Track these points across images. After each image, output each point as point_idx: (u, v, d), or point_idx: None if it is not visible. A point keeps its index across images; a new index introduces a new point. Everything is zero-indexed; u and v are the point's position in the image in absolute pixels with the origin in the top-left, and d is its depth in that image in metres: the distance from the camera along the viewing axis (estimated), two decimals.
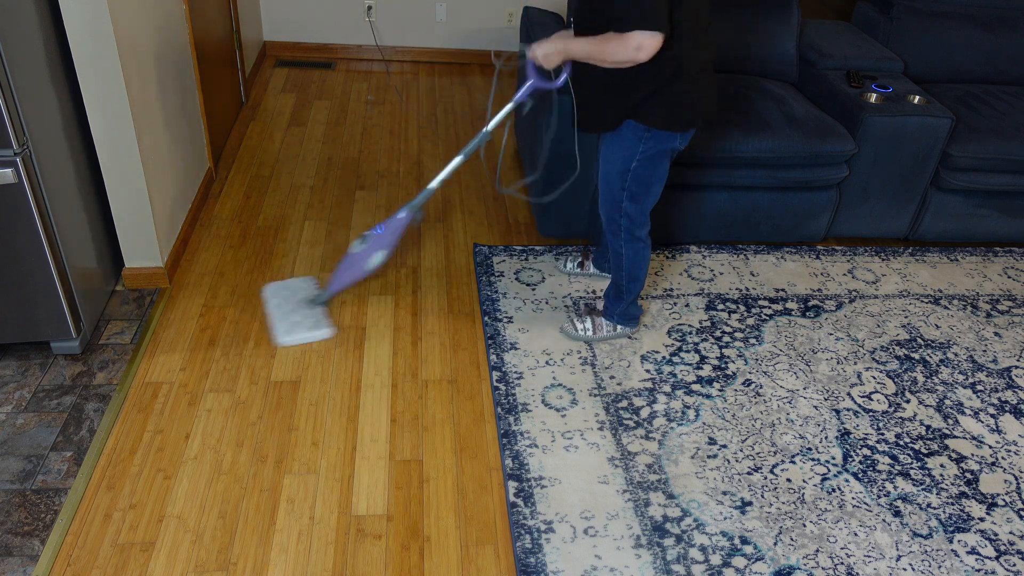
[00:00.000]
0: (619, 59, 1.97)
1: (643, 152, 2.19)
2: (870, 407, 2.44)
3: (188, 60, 2.98)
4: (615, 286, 2.51)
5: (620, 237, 2.38)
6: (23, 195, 2.05)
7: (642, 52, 1.93)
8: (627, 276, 2.45)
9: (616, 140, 2.21)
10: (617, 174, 2.25)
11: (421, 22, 4.50)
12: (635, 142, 2.18)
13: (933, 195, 3.16)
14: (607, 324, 2.57)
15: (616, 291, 2.51)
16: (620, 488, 2.09)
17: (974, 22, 3.43)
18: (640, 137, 2.17)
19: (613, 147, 2.23)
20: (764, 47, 3.29)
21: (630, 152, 2.20)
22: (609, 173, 2.27)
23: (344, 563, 1.87)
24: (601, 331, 2.56)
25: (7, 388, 2.25)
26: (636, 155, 2.20)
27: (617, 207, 2.31)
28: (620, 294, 2.50)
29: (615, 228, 2.36)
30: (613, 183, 2.28)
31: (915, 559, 1.99)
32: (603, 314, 2.58)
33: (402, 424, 2.24)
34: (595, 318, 2.58)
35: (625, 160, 2.22)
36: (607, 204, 2.34)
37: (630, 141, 2.19)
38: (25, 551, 1.83)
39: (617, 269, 2.46)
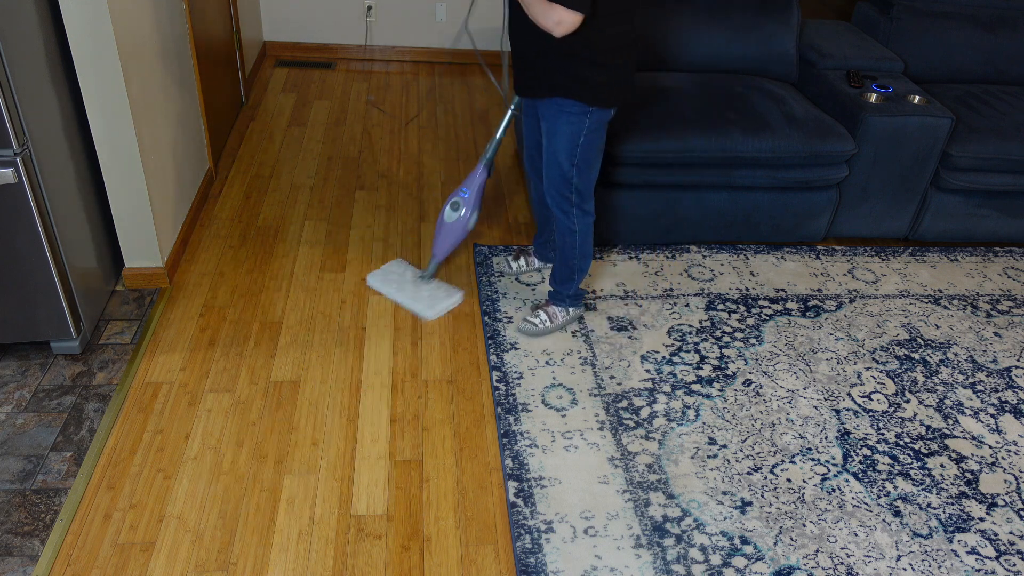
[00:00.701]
0: (539, 22, 2.04)
1: (588, 127, 2.25)
2: (870, 407, 2.44)
3: (188, 60, 2.98)
4: (565, 268, 2.53)
5: (572, 214, 2.41)
6: (23, 195, 2.05)
7: (560, 27, 2.01)
8: (579, 253, 2.48)
9: (562, 118, 2.25)
10: (566, 152, 2.30)
11: (421, 22, 4.50)
12: (581, 118, 2.24)
13: (933, 195, 3.16)
14: (560, 310, 2.60)
15: (567, 272, 2.53)
16: (620, 488, 2.09)
17: (974, 22, 3.43)
18: (586, 112, 2.23)
19: (558, 124, 2.27)
20: (764, 47, 3.29)
21: (577, 128, 2.26)
22: (557, 151, 2.31)
23: (344, 563, 1.87)
24: (558, 319, 2.59)
25: (7, 388, 2.25)
26: (583, 131, 2.26)
27: (568, 184, 2.35)
28: (571, 274, 2.53)
29: (566, 205, 2.40)
30: (562, 161, 2.32)
31: (915, 559, 1.99)
32: (553, 302, 2.61)
33: (402, 424, 2.24)
34: (547, 309, 2.60)
35: (573, 136, 2.27)
36: (557, 183, 2.37)
37: (576, 118, 2.24)
38: (25, 551, 1.83)
39: (569, 248, 2.48)
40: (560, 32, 2.03)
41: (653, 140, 2.80)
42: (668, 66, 3.25)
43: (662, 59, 3.25)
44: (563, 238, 2.47)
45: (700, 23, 3.25)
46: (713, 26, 3.25)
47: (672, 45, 3.25)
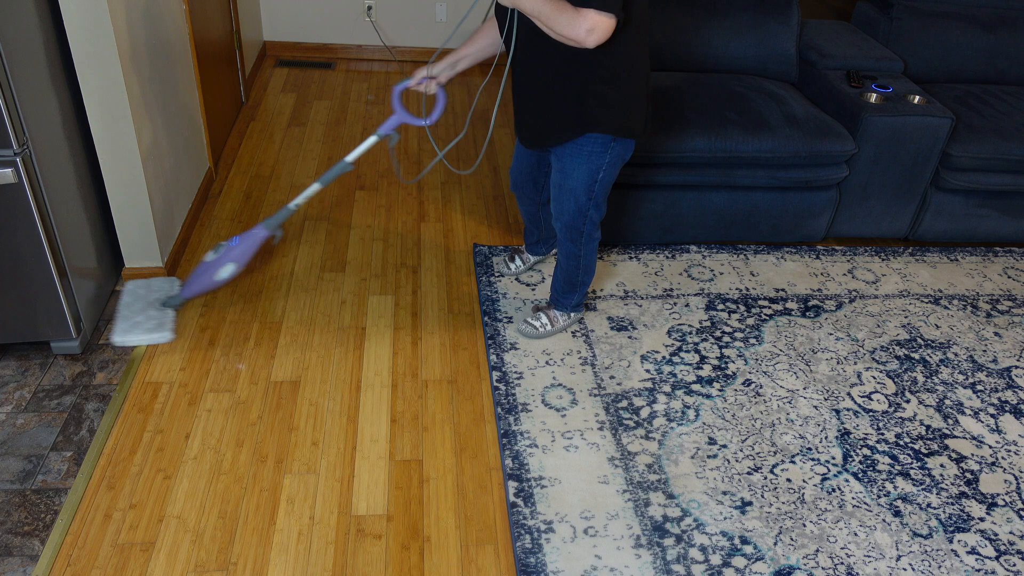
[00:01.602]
0: (566, 34, 1.84)
1: (609, 162, 2.17)
2: (870, 407, 2.44)
3: (188, 60, 2.98)
4: (567, 282, 2.48)
5: (580, 241, 2.35)
6: (23, 195, 2.05)
7: (593, 35, 1.83)
8: (583, 271, 2.44)
9: (579, 156, 2.15)
10: (584, 188, 2.20)
11: (421, 22, 4.50)
12: (601, 154, 2.14)
13: (933, 195, 3.16)
14: (561, 314, 2.57)
15: (568, 286, 2.49)
16: (620, 488, 2.09)
17: (974, 22, 3.43)
18: (607, 147, 2.13)
19: (576, 162, 2.16)
20: (764, 47, 3.29)
21: (596, 164, 2.16)
22: (575, 189, 2.21)
23: (344, 563, 1.87)
24: (558, 323, 2.56)
25: (7, 388, 2.25)
26: (603, 166, 2.17)
27: (582, 217, 2.28)
28: (574, 288, 2.50)
29: (575, 235, 2.33)
30: (580, 197, 2.22)
31: (915, 559, 1.99)
32: (555, 306, 2.57)
33: (402, 424, 2.24)
34: (547, 312, 2.57)
35: (592, 173, 2.17)
36: (570, 216, 2.28)
37: (596, 155, 2.14)
38: (25, 551, 1.83)
39: (572, 268, 2.43)
40: (593, 41, 1.83)
41: (653, 140, 2.80)
42: (668, 66, 3.25)
43: (662, 59, 3.25)
44: (567, 261, 2.43)
45: (700, 23, 3.25)
46: (713, 26, 3.25)
47: (672, 45, 3.25)
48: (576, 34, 1.83)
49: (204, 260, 2.43)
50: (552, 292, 2.56)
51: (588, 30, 1.81)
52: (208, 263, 2.41)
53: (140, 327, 2.42)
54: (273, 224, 2.42)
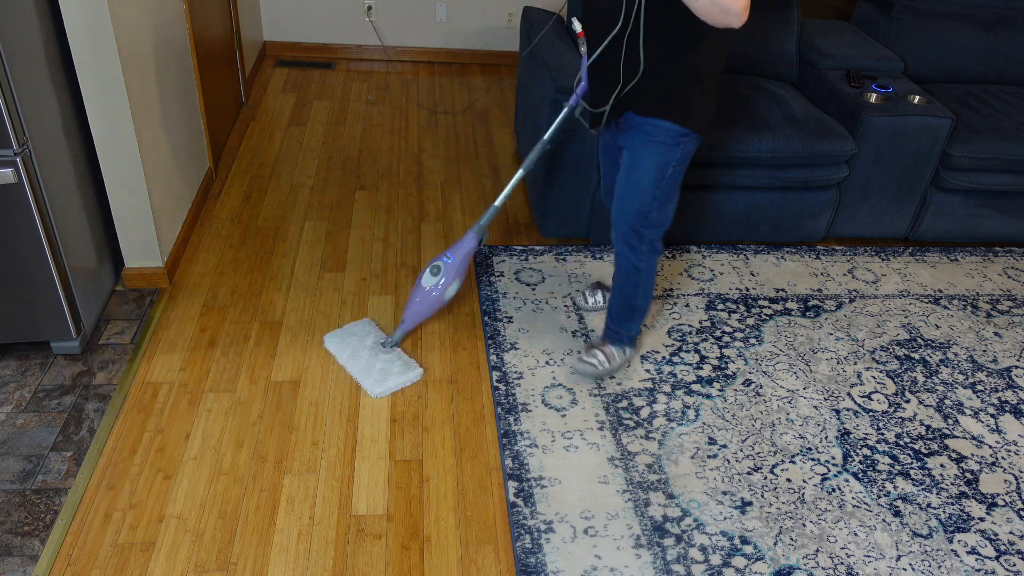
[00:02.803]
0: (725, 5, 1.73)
1: (680, 157, 2.08)
2: (870, 407, 2.44)
3: (188, 60, 2.98)
4: (626, 308, 2.34)
5: (640, 251, 2.22)
6: (23, 195, 2.05)
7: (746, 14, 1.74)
8: (643, 292, 2.31)
9: (651, 145, 2.07)
10: (652, 183, 2.10)
11: (421, 22, 4.50)
12: (673, 147, 2.06)
13: (933, 195, 3.16)
14: (618, 350, 2.42)
15: (628, 312, 2.35)
16: (620, 488, 2.09)
17: (974, 22, 3.43)
18: (679, 141, 2.05)
19: (647, 152, 2.08)
20: (764, 47, 3.29)
21: (667, 158, 2.07)
22: (640, 183, 2.11)
23: (344, 563, 1.87)
24: (615, 360, 2.41)
25: (7, 388, 2.25)
26: (672, 161, 2.07)
27: (644, 218, 2.16)
28: (632, 314, 2.36)
29: (636, 241, 2.20)
30: (645, 193, 2.12)
31: (915, 559, 1.99)
32: (611, 341, 2.42)
33: (402, 424, 2.24)
34: (604, 349, 2.41)
35: (661, 167, 2.08)
36: (631, 218, 2.17)
37: (667, 147, 2.06)
38: (25, 551, 1.83)
39: (633, 286, 2.30)
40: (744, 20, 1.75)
41: None
42: None
43: None
44: (625, 276, 2.28)
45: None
46: None
47: None
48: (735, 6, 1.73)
49: (421, 285, 2.35)
50: (608, 323, 2.41)
51: (745, 6, 1.74)
52: (429, 287, 2.34)
53: (390, 373, 2.33)
54: (482, 227, 2.36)
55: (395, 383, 2.32)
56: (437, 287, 2.34)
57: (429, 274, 2.35)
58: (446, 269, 2.34)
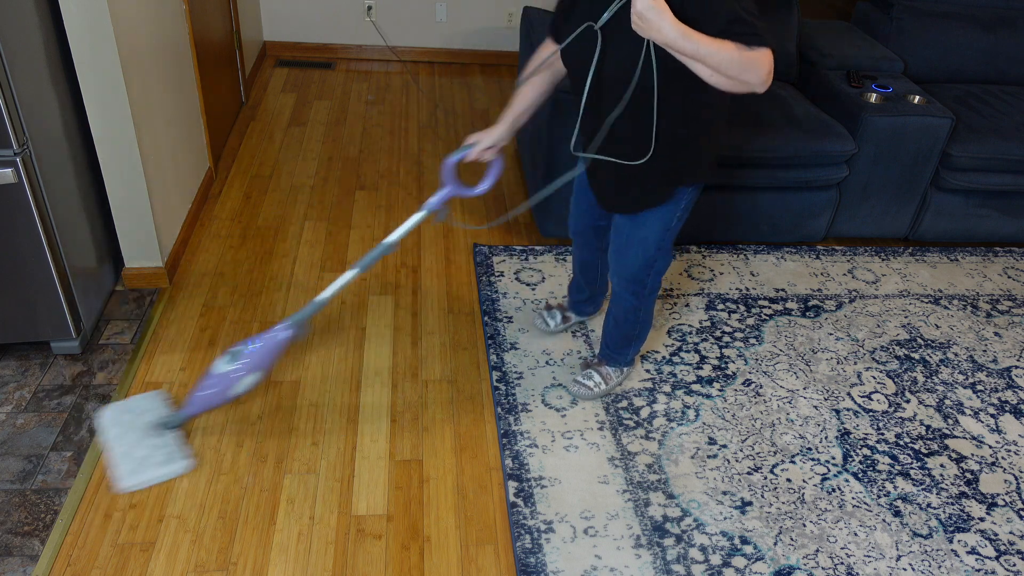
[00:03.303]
0: (746, 79, 1.55)
1: (685, 206, 1.96)
2: (870, 407, 2.44)
3: (188, 60, 2.98)
4: (625, 338, 2.28)
5: (642, 294, 2.14)
6: (23, 195, 2.05)
7: (770, 78, 1.56)
8: (640, 326, 2.25)
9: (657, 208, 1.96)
10: (656, 237, 1.99)
11: (421, 22, 4.50)
12: (679, 201, 1.94)
13: (933, 195, 3.16)
14: (615, 371, 2.37)
15: (624, 341, 2.30)
16: (620, 488, 2.09)
17: (974, 22, 3.43)
18: (684, 193, 1.93)
19: (651, 215, 1.96)
20: None
21: (672, 211, 1.95)
22: (646, 239, 1.99)
23: (344, 563, 1.87)
24: (612, 380, 2.37)
25: (7, 388, 2.25)
26: (678, 212, 1.96)
27: (648, 268, 2.07)
28: (629, 343, 2.31)
29: (638, 287, 2.11)
30: (649, 247, 2.01)
31: (915, 559, 1.99)
32: (608, 362, 2.37)
33: (402, 424, 2.24)
34: (600, 369, 2.36)
35: (667, 221, 1.97)
36: (635, 269, 2.07)
37: (673, 202, 1.94)
38: (25, 551, 1.83)
39: (630, 323, 2.23)
40: (768, 84, 1.57)
41: None
42: None
43: None
44: (623, 313, 2.21)
45: None
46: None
47: None
48: (758, 77, 1.55)
49: (213, 370, 2.01)
50: (604, 348, 2.34)
51: (768, 72, 1.55)
52: (219, 375, 2.00)
53: (148, 462, 2.02)
54: (299, 320, 2.04)
55: (151, 476, 2.00)
56: (228, 376, 1.99)
57: (226, 360, 2.00)
58: (245, 357, 1.98)
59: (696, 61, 1.55)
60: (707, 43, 1.52)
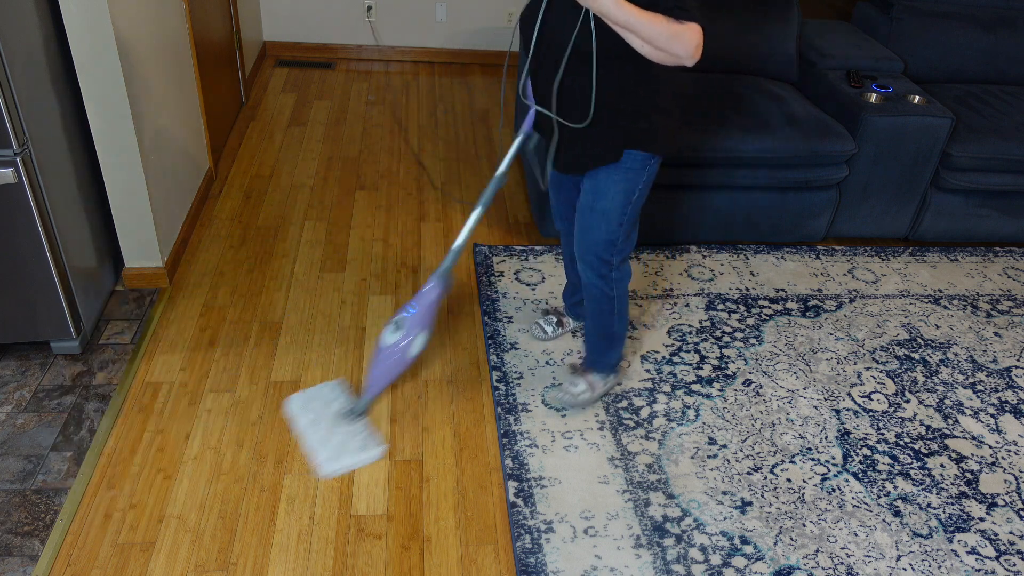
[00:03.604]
0: (673, 50, 1.65)
1: (646, 180, 1.99)
2: (870, 407, 2.44)
3: (188, 60, 2.98)
4: (604, 337, 2.25)
5: (610, 278, 2.12)
6: (23, 195, 2.05)
7: (698, 51, 1.65)
8: (619, 319, 2.21)
9: (616, 174, 1.96)
10: (617, 211, 2.00)
11: (421, 22, 4.50)
12: (639, 172, 1.96)
13: (933, 195, 3.16)
14: (600, 378, 2.32)
15: (607, 341, 2.26)
16: (620, 488, 2.09)
17: (974, 22, 3.43)
18: (645, 165, 1.96)
19: (611, 182, 1.97)
20: (764, 47, 3.29)
21: (633, 183, 1.97)
22: (608, 210, 2.00)
23: (344, 563, 1.87)
24: (598, 387, 2.33)
25: (7, 388, 2.25)
26: (639, 185, 1.98)
27: (611, 246, 2.06)
28: (612, 342, 2.27)
29: (605, 270, 2.10)
30: (612, 221, 2.01)
31: (915, 559, 1.99)
32: (592, 369, 2.32)
33: (402, 424, 2.24)
34: (586, 376, 2.32)
35: (628, 193, 1.98)
36: (598, 247, 2.06)
37: (634, 172, 1.96)
38: (25, 551, 1.83)
39: (607, 315, 2.19)
40: (697, 57, 1.65)
41: None
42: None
43: None
44: (598, 305, 2.17)
45: None
46: (713, 26, 3.24)
47: None
48: (684, 50, 1.64)
49: (382, 344, 2.08)
50: (587, 353, 2.32)
51: (696, 45, 1.64)
52: (393, 345, 2.07)
53: (346, 448, 2.11)
54: (444, 272, 2.09)
55: (350, 462, 2.08)
56: (400, 345, 2.07)
57: (391, 331, 2.08)
58: (410, 322, 2.07)
59: (628, 31, 1.65)
60: (638, 14, 1.62)
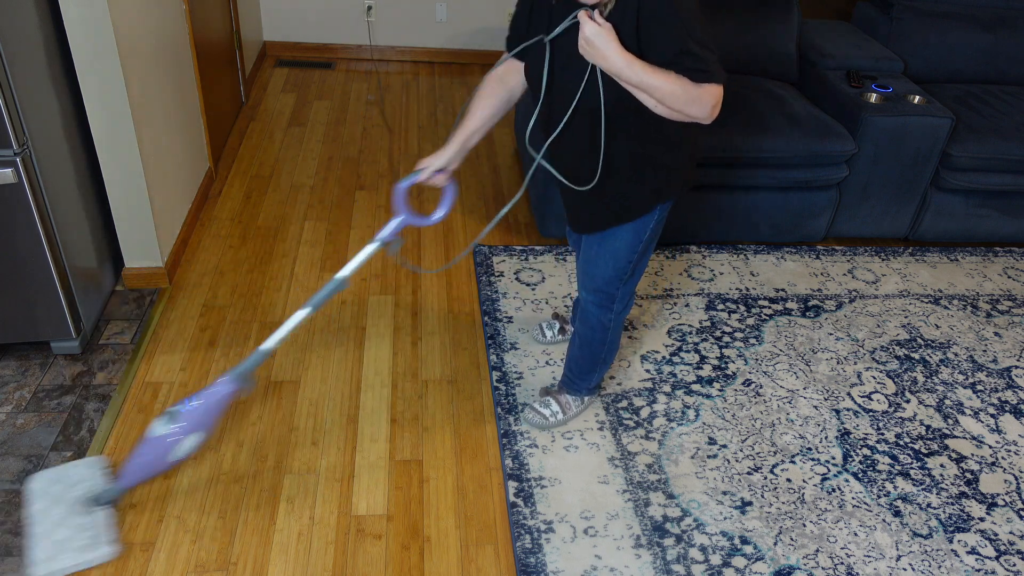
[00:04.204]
0: (690, 112, 1.58)
1: (658, 219, 1.89)
2: (870, 407, 2.44)
3: (188, 60, 2.98)
4: (588, 361, 2.17)
5: (611, 308, 2.05)
6: (23, 195, 2.05)
7: (716, 111, 1.58)
8: (610, 348, 2.15)
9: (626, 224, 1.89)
10: (627, 249, 1.91)
11: (421, 22, 4.50)
12: (648, 219, 1.87)
13: (933, 195, 3.16)
14: (575, 400, 2.26)
15: (591, 366, 2.19)
16: (620, 488, 2.09)
17: (974, 22, 3.43)
18: (654, 213, 1.87)
19: (621, 230, 1.89)
20: (764, 47, 3.29)
21: (644, 224, 1.88)
22: (617, 250, 1.91)
23: (344, 563, 1.87)
24: (571, 410, 2.26)
25: (7, 388, 2.25)
26: (651, 224, 1.88)
27: (618, 281, 1.98)
28: (595, 367, 2.19)
29: (606, 301, 2.03)
30: (620, 259, 1.93)
31: (915, 559, 1.99)
32: (568, 390, 2.26)
33: (402, 424, 2.24)
34: (559, 397, 2.26)
35: (638, 233, 1.89)
36: (604, 281, 1.98)
37: (643, 221, 1.87)
38: (25, 551, 1.83)
39: (598, 344, 2.12)
40: (714, 117, 1.59)
41: None
42: None
43: None
44: (592, 333, 2.11)
45: None
46: (713, 26, 3.24)
47: None
48: (701, 112, 1.58)
49: (149, 434, 1.81)
50: (567, 374, 2.24)
51: (714, 106, 1.57)
52: (156, 439, 1.80)
53: (68, 545, 1.79)
54: (243, 373, 1.86)
55: (67, 563, 1.77)
56: (166, 440, 1.80)
57: (163, 421, 1.81)
58: (184, 416, 1.81)
59: (640, 91, 1.57)
60: (651, 74, 1.53)
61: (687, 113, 1.58)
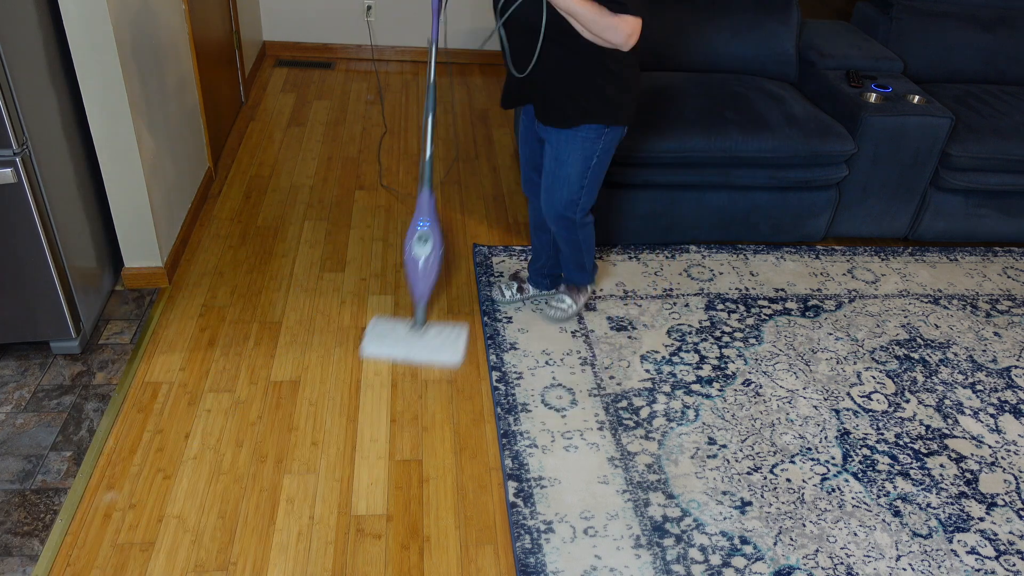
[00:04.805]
0: (607, 37, 1.91)
1: (603, 148, 2.20)
2: (870, 407, 2.44)
3: (188, 60, 2.98)
4: (575, 266, 2.55)
5: (574, 227, 2.38)
6: (23, 195, 2.05)
7: (631, 40, 1.90)
8: (587, 249, 2.49)
9: (573, 142, 2.18)
10: (577, 175, 2.24)
11: (421, 22, 4.50)
12: (595, 141, 2.18)
13: (933, 195, 3.16)
14: (580, 290, 2.64)
15: (577, 267, 2.55)
16: (620, 488, 2.10)
17: (974, 22, 3.43)
18: (600, 135, 2.17)
19: (571, 149, 2.20)
20: (764, 47, 3.29)
21: (590, 151, 2.20)
22: (568, 176, 2.24)
23: (344, 563, 1.87)
24: (582, 296, 2.65)
25: (7, 388, 2.25)
26: (596, 152, 2.20)
27: (573, 205, 2.30)
28: (583, 265, 2.55)
29: (568, 223, 2.36)
30: (572, 184, 2.25)
31: (915, 559, 1.99)
32: (573, 282, 2.63)
33: (402, 424, 2.24)
34: (569, 292, 2.64)
35: (585, 160, 2.21)
36: (561, 205, 2.31)
37: (589, 142, 2.18)
38: (25, 551, 1.83)
39: (575, 251, 2.48)
40: (630, 46, 1.92)
41: (653, 140, 2.80)
42: (668, 66, 3.25)
43: (662, 59, 3.25)
44: (568, 246, 2.47)
45: (700, 23, 3.25)
46: (713, 26, 3.25)
47: (672, 45, 3.25)
48: (617, 39, 1.90)
49: (412, 257, 2.39)
50: (565, 273, 2.63)
51: (628, 35, 1.89)
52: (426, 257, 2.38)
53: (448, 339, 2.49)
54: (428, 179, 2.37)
55: (462, 343, 2.48)
56: (434, 249, 2.38)
57: (418, 244, 2.37)
58: (431, 232, 2.37)
59: (569, 16, 1.90)
60: (577, 2, 1.86)
61: (605, 38, 1.90)
